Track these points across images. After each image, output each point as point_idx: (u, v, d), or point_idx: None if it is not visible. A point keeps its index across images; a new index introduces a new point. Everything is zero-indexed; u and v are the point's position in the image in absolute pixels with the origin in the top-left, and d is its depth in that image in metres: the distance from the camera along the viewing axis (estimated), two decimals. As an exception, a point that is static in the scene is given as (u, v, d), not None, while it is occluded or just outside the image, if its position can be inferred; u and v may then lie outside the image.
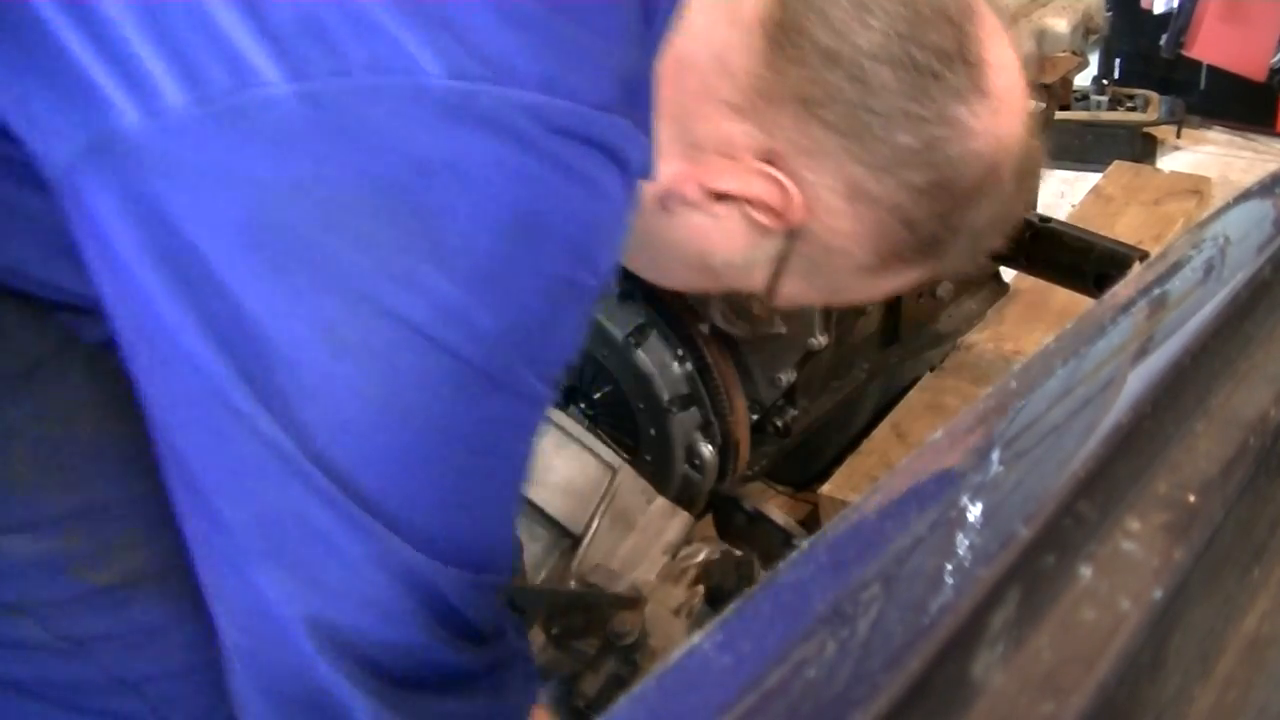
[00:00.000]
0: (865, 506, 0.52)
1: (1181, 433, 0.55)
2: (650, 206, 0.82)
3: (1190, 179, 2.48)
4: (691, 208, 0.83)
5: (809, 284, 0.89)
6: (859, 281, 0.89)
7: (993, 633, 0.44)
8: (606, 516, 1.35)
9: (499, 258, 0.64)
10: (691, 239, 0.86)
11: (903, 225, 0.83)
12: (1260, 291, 0.65)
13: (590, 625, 1.21)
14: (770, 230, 0.84)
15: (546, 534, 1.35)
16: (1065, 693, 0.42)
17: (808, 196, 0.81)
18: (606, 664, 1.21)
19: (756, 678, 0.43)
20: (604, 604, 1.21)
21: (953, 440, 0.55)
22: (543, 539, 1.34)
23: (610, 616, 1.20)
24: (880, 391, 1.93)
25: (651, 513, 1.40)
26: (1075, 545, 0.48)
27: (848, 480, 1.77)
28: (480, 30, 0.63)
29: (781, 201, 0.81)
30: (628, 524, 1.38)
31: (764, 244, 0.85)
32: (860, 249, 0.85)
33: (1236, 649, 0.53)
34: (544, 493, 1.34)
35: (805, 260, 0.86)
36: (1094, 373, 0.62)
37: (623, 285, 1.54)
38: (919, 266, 0.88)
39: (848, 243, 0.84)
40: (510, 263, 0.65)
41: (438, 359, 0.64)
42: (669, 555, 1.36)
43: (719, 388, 1.55)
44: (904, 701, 0.41)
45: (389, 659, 0.70)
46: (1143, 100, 2.84)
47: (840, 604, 0.46)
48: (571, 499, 1.35)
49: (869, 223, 0.83)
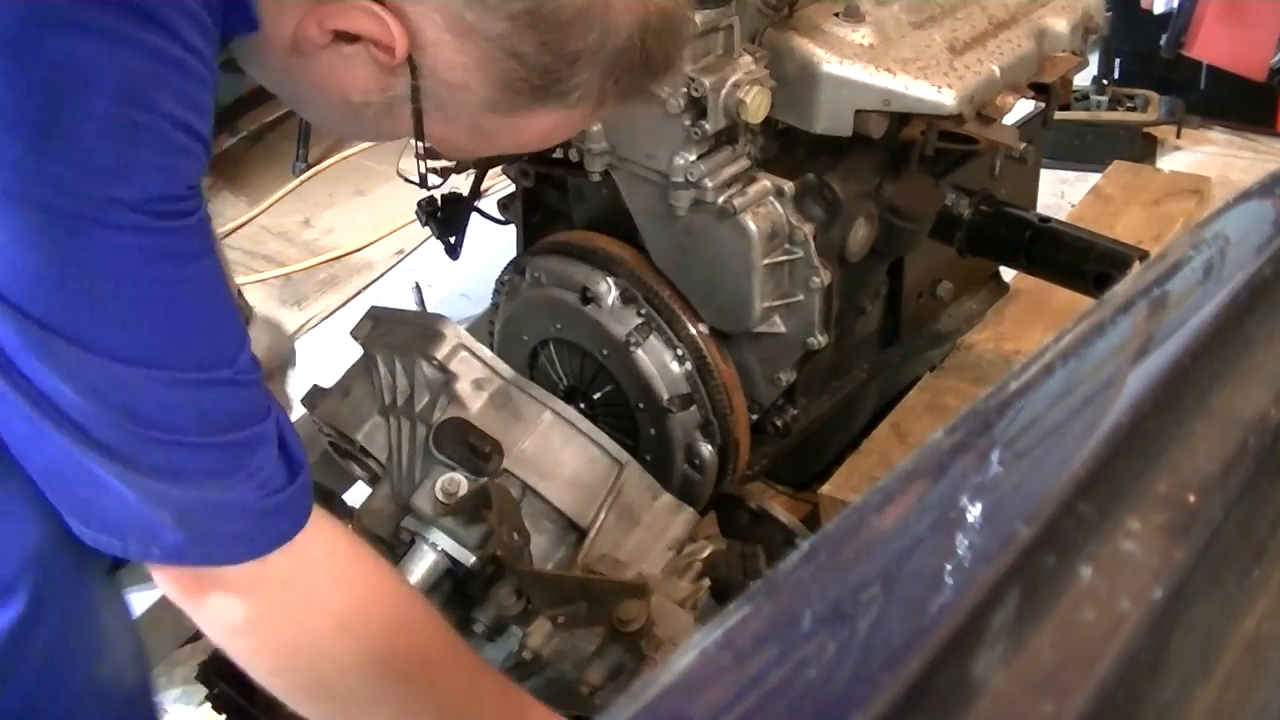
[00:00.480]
0: (865, 506, 0.52)
1: (1181, 433, 0.55)
2: (288, 53, 0.90)
3: (1190, 179, 2.48)
4: (321, 50, 0.89)
5: (452, 125, 0.95)
6: (496, 122, 0.94)
7: (993, 633, 0.44)
8: (613, 511, 1.36)
9: (46, 111, 0.76)
10: (329, 80, 0.92)
11: (511, 56, 0.88)
12: (1260, 291, 0.65)
13: (595, 614, 1.21)
14: (392, 67, 0.89)
15: (553, 527, 1.36)
16: (1065, 693, 0.42)
17: (412, 30, 0.87)
18: (612, 652, 1.21)
19: (756, 678, 0.43)
20: (610, 591, 1.21)
21: (953, 440, 0.55)
22: (549, 532, 1.35)
23: (616, 604, 1.20)
24: (880, 391, 1.93)
25: (657, 509, 1.41)
26: (1075, 545, 0.48)
27: (848, 480, 1.77)
28: None
29: (387, 36, 0.87)
30: (633, 519, 1.39)
31: (394, 82, 0.91)
32: (477, 83, 0.90)
33: (1236, 649, 0.53)
34: (551, 486, 1.35)
35: (434, 99, 0.92)
36: (1094, 373, 0.62)
37: (623, 286, 1.54)
38: (550, 103, 0.93)
39: (464, 77, 0.90)
40: (58, 114, 0.76)
41: (29, 213, 0.77)
42: (674, 551, 1.37)
43: (719, 388, 1.55)
44: (904, 701, 0.41)
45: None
46: (1143, 100, 2.84)
47: (840, 604, 0.46)
48: (578, 492, 1.36)
49: (476, 55, 0.88)
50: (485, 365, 1.40)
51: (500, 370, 1.40)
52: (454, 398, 1.37)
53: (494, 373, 1.40)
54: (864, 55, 1.38)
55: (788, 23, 1.41)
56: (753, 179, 1.43)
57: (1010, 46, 1.48)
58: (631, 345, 1.53)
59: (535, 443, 1.36)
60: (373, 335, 1.46)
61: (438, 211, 1.70)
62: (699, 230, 1.45)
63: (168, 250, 0.84)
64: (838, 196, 1.45)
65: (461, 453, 1.30)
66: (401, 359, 1.41)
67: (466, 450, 1.30)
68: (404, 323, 1.46)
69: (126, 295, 0.83)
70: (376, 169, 3.23)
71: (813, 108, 1.40)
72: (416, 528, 1.30)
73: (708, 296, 1.51)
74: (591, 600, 1.21)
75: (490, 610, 1.26)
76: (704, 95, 1.32)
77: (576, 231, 1.63)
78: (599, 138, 1.44)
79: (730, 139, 1.40)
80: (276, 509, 0.91)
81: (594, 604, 1.21)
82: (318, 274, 2.87)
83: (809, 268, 1.45)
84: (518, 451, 1.34)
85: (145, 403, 0.84)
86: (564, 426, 1.38)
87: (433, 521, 1.29)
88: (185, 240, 0.85)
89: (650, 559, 1.34)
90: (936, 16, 1.48)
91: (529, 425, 1.36)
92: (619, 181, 1.50)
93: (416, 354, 1.38)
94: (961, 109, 1.37)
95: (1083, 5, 1.60)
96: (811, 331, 1.50)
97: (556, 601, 1.22)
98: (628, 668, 1.21)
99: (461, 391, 1.37)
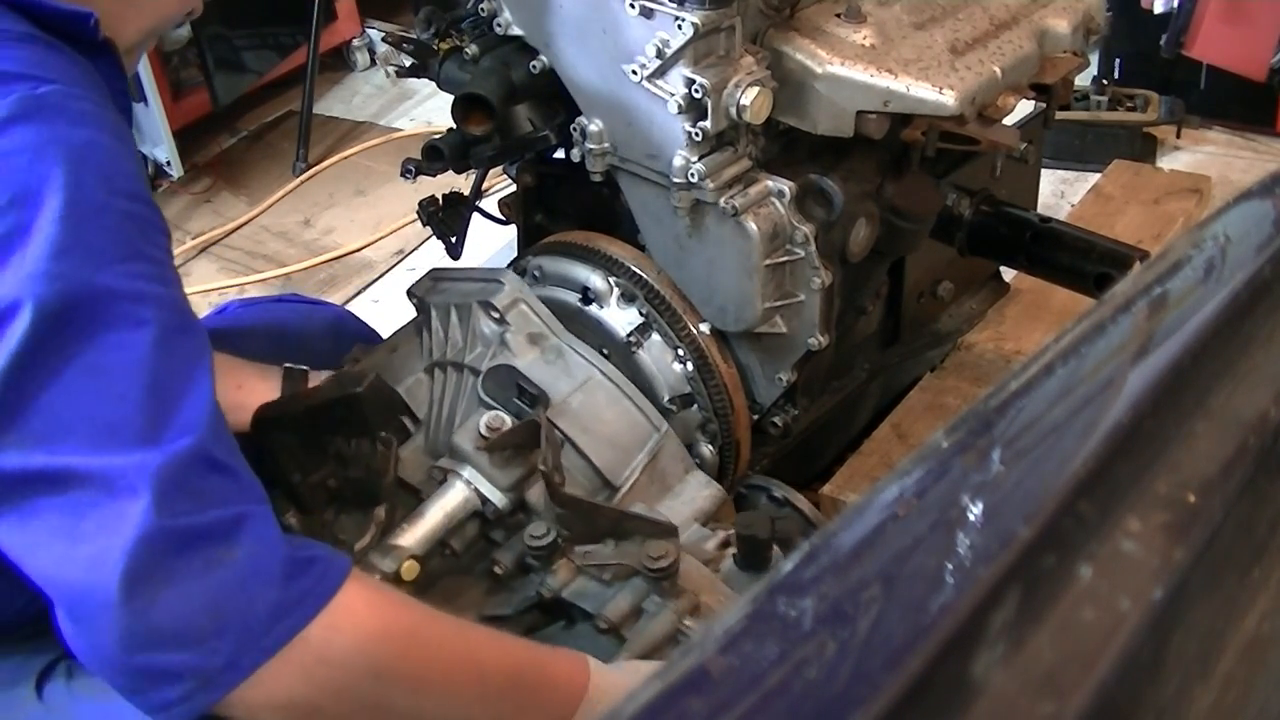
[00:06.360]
0: (865, 506, 0.52)
1: (1181, 433, 0.55)
2: None
3: (1190, 178, 2.48)
4: None
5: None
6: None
7: (993, 633, 0.44)
8: (645, 474, 1.39)
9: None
10: None
11: None
12: (1260, 291, 0.65)
13: (622, 555, 1.22)
14: None
15: (586, 483, 1.38)
16: (1065, 693, 0.42)
17: None
18: (634, 590, 1.22)
19: (756, 678, 0.43)
20: (642, 528, 1.23)
21: (953, 440, 0.55)
22: (582, 487, 1.37)
23: (646, 543, 1.22)
24: (880, 391, 1.93)
25: (689, 480, 1.44)
26: (1075, 545, 0.48)
27: (848, 480, 1.77)
28: None
29: None
30: (664, 485, 1.42)
31: None
32: None
33: (1236, 649, 0.53)
34: (590, 441, 1.38)
35: None
36: (1094, 372, 0.62)
37: (624, 286, 1.54)
38: None
39: None
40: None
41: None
42: (699, 522, 1.39)
43: (719, 388, 1.55)
44: (904, 701, 0.41)
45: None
46: (1143, 100, 2.83)
47: (840, 604, 0.46)
48: (615, 451, 1.39)
49: None
50: (541, 320, 1.45)
51: (554, 328, 1.45)
52: (506, 347, 1.41)
53: (548, 329, 1.44)
54: (865, 56, 1.38)
55: (789, 23, 1.41)
56: (754, 180, 1.42)
57: (1011, 47, 1.47)
58: (632, 345, 1.53)
59: (580, 398, 1.40)
60: (432, 292, 1.51)
61: (439, 211, 1.70)
62: (700, 231, 1.45)
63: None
64: (839, 197, 1.45)
65: (508, 395, 1.34)
66: (459, 310, 1.45)
67: (514, 392, 1.34)
68: (467, 278, 1.51)
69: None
70: (376, 169, 3.23)
71: (814, 109, 1.40)
72: (451, 465, 1.31)
73: (709, 297, 1.51)
74: (621, 538, 1.23)
75: (516, 548, 1.27)
76: (705, 96, 1.32)
77: (577, 231, 1.63)
78: (600, 138, 1.45)
79: (731, 140, 1.40)
80: None
81: (622, 543, 1.23)
82: (318, 274, 2.87)
83: (810, 268, 1.45)
84: (562, 404, 1.38)
85: None
86: (610, 388, 1.42)
87: (470, 458, 1.29)
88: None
89: (678, 524, 1.35)
90: (938, 17, 1.48)
91: (576, 381, 1.41)
92: (620, 182, 1.50)
93: (475, 304, 1.43)
94: (963, 110, 1.37)
95: (1084, 6, 1.59)
96: (813, 332, 1.50)
97: (588, 535, 1.24)
98: (647, 611, 1.22)
99: (514, 343, 1.42)
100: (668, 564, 1.19)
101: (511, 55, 1.47)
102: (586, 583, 1.24)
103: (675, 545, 1.21)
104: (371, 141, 3.36)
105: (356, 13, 3.67)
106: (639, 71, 1.35)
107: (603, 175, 1.48)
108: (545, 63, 1.46)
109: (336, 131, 3.44)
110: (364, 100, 3.63)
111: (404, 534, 1.26)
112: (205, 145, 3.37)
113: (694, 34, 1.29)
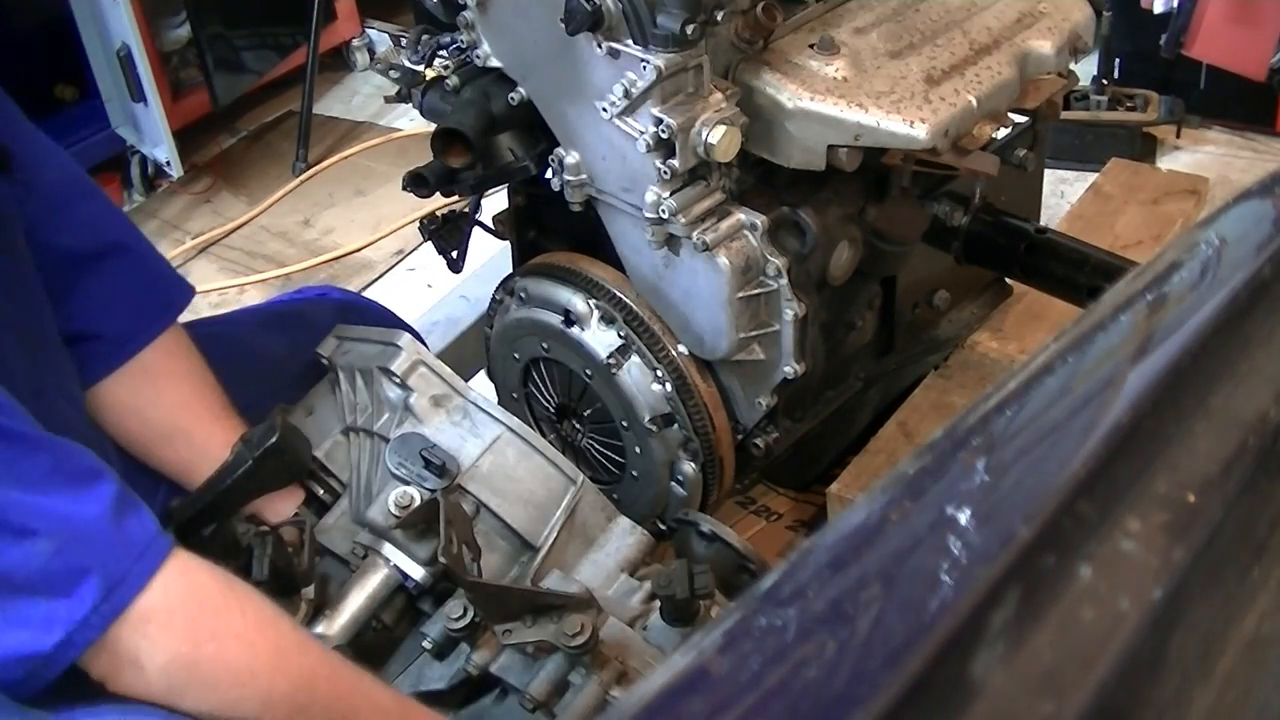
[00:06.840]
0: (865, 506, 0.52)
1: (1181, 433, 0.55)
2: None
3: (1189, 179, 2.48)
4: None
5: None
6: None
7: (992, 633, 0.44)
8: (565, 530, 1.35)
9: None
10: None
11: None
12: (1260, 291, 0.65)
13: (542, 629, 1.20)
14: None
15: (506, 545, 1.34)
16: (1065, 692, 0.42)
17: None
18: (557, 667, 1.20)
19: (756, 678, 0.43)
20: (556, 604, 1.20)
21: (953, 439, 0.55)
22: (503, 550, 1.34)
23: (562, 618, 1.19)
24: (880, 395, 1.93)
25: (611, 530, 1.39)
26: (1075, 545, 0.48)
27: (856, 479, 1.78)
28: None
29: None
30: (586, 539, 1.37)
31: None
32: None
33: (1236, 649, 0.53)
34: (504, 503, 1.34)
35: None
36: (1094, 372, 0.62)
37: (603, 309, 1.54)
38: None
39: None
40: None
41: None
42: (626, 572, 1.35)
43: (699, 407, 1.54)
44: (904, 701, 0.41)
45: None
46: (1143, 100, 2.83)
47: (840, 604, 0.46)
48: (531, 510, 1.35)
49: None
50: (443, 381, 1.39)
51: (457, 386, 1.39)
52: (412, 413, 1.36)
53: (451, 389, 1.38)
54: (836, 90, 1.36)
55: (761, 56, 1.39)
56: (727, 213, 1.41)
57: (990, 74, 1.43)
58: (612, 366, 1.53)
59: (491, 459, 1.35)
60: (337, 353, 1.46)
61: (440, 228, 1.71)
62: (674, 263, 1.44)
63: None
64: (811, 230, 1.44)
65: (415, 467, 1.30)
66: (363, 375, 1.40)
67: (420, 464, 1.30)
68: (366, 340, 1.45)
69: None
70: (376, 169, 3.23)
71: (785, 143, 1.39)
72: (370, 542, 1.30)
73: (685, 325, 1.50)
74: (538, 614, 1.20)
75: (439, 626, 1.25)
76: (672, 135, 1.31)
77: (561, 253, 1.63)
78: (577, 170, 1.44)
79: (703, 174, 1.39)
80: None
81: (540, 619, 1.20)
82: (318, 274, 2.87)
83: (784, 300, 1.44)
84: (473, 468, 1.34)
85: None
86: (519, 444, 1.37)
87: (385, 535, 1.29)
88: None
89: (602, 579, 1.33)
90: (916, 44, 1.44)
91: (485, 441, 1.36)
92: (599, 211, 1.49)
93: (375, 369, 1.38)
94: (935, 143, 1.34)
95: (1069, 25, 1.54)
96: (789, 360, 1.48)
97: (503, 615, 1.21)
98: (573, 684, 1.20)
99: (419, 407, 1.36)
100: (585, 639, 1.17)
101: (491, 86, 1.47)
102: (512, 656, 1.23)
103: (592, 616, 1.19)
104: (371, 141, 3.36)
105: (356, 13, 3.67)
106: (609, 109, 1.34)
107: (582, 205, 1.48)
108: (524, 94, 1.45)
109: (336, 131, 3.44)
110: (364, 100, 3.63)
111: (329, 621, 1.26)
112: (205, 145, 3.37)
113: (658, 76, 1.29)
